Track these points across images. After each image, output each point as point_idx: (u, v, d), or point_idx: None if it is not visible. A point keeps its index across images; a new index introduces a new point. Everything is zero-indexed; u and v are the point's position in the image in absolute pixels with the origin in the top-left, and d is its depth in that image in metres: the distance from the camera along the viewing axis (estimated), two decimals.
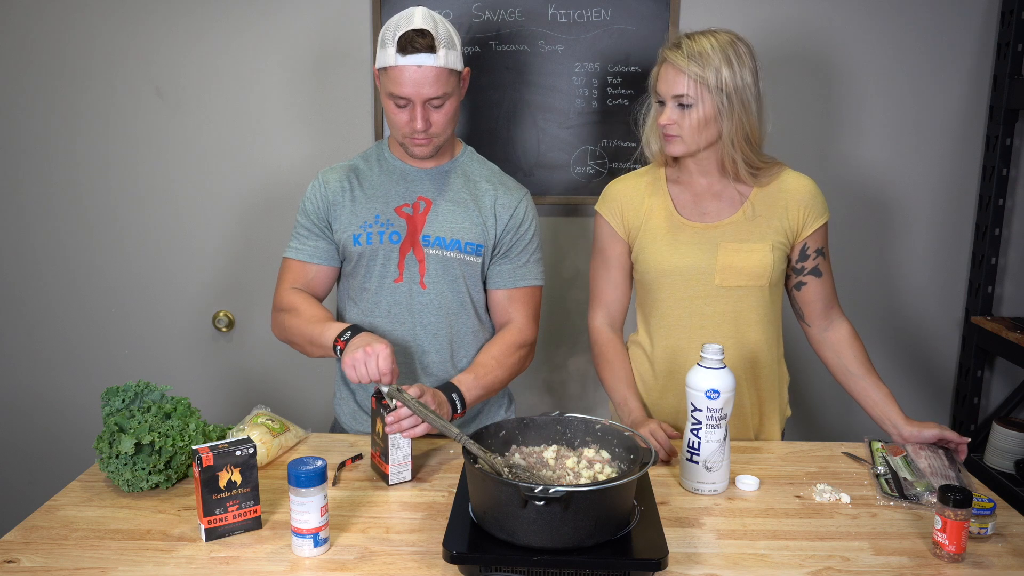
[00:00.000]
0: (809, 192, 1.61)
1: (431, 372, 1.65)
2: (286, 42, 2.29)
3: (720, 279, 1.58)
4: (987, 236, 2.29)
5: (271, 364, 2.47)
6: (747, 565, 1.16)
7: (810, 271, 1.64)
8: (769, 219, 1.59)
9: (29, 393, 2.52)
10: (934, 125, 2.30)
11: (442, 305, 1.62)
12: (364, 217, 1.61)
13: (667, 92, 1.52)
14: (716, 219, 1.60)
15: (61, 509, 1.31)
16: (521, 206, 1.65)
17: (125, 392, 1.43)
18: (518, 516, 1.09)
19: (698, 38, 1.51)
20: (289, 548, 1.19)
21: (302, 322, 1.57)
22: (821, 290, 1.64)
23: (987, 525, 1.24)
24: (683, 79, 1.49)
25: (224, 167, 2.37)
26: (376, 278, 1.62)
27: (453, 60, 1.50)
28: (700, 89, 1.49)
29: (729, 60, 1.49)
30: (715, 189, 1.61)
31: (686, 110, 1.51)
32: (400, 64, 1.47)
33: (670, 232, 1.60)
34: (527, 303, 1.67)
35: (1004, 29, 2.21)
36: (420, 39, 1.45)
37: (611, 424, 1.31)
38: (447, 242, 1.60)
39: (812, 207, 1.60)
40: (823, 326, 1.66)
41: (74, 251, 2.43)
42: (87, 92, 2.32)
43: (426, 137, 1.54)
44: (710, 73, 1.48)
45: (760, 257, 1.57)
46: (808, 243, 1.62)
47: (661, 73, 1.54)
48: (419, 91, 1.48)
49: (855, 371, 1.62)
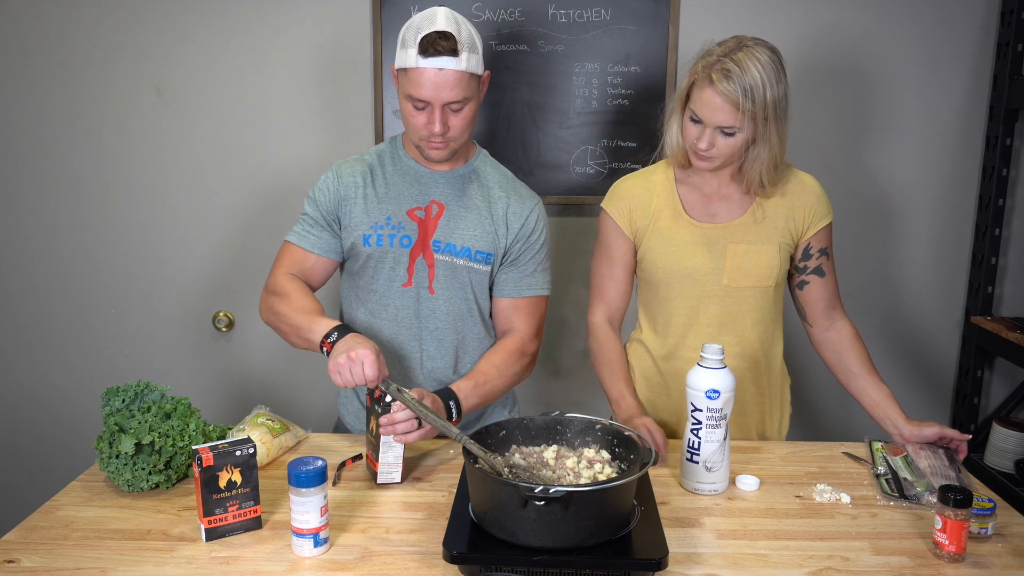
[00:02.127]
0: (814, 193, 1.61)
1: (435, 377, 1.64)
2: (286, 42, 2.29)
3: (728, 280, 1.59)
4: (987, 236, 2.29)
5: (271, 364, 2.47)
6: (747, 565, 1.16)
7: (812, 270, 1.63)
8: (775, 220, 1.59)
9: (29, 393, 2.52)
10: (934, 125, 2.30)
11: (450, 311, 1.61)
12: (376, 218, 1.59)
13: (712, 120, 1.46)
14: (725, 220, 1.60)
15: (61, 509, 1.31)
16: (533, 215, 1.63)
17: (125, 392, 1.43)
18: (518, 516, 1.09)
19: (745, 64, 1.42)
20: (289, 548, 1.19)
21: (291, 310, 1.53)
22: (823, 290, 1.64)
23: (987, 525, 1.24)
24: (733, 113, 1.44)
25: (224, 167, 2.36)
26: (384, 281, 1.61)
27: (475, 64, 1.47)
28: (746, 120, 1.45)
29: (773, 85, 1.44)
30: (724, 191, 1.61)
31: (727, 137, 1.48)
32: (421, 66, 1.43)
33: (679, 233, 1.60)
34: (531, 312, 1.66)
35: (1004, 29, 2.21)
36: (443, 42, 1.42)
37: (611, 424, 1.31)
38: (457, 249, 1.58)
39: (816, 208, 1.60)
40: (825, 326, 1.66)
41: (74, 251, 2.43)
42: (86, 91, 2.32)
43: (443, 141, 1.51)
44: (759, 105, 1.44)
45: (768, 258, 1.58)
46: (811, 243, 1.62)
47: (705, 97, 1.45)
48: (439, 94, 1.45)
49: (856, 371, 1.62)
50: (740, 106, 1.42)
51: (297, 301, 1.54)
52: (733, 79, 1.42)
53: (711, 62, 1.45)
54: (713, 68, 1.44)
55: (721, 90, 1.42)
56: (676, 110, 1.55)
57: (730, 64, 1.42)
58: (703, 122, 1.48)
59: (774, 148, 1.50)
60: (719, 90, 1.43)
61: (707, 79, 1.44)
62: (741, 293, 1.59)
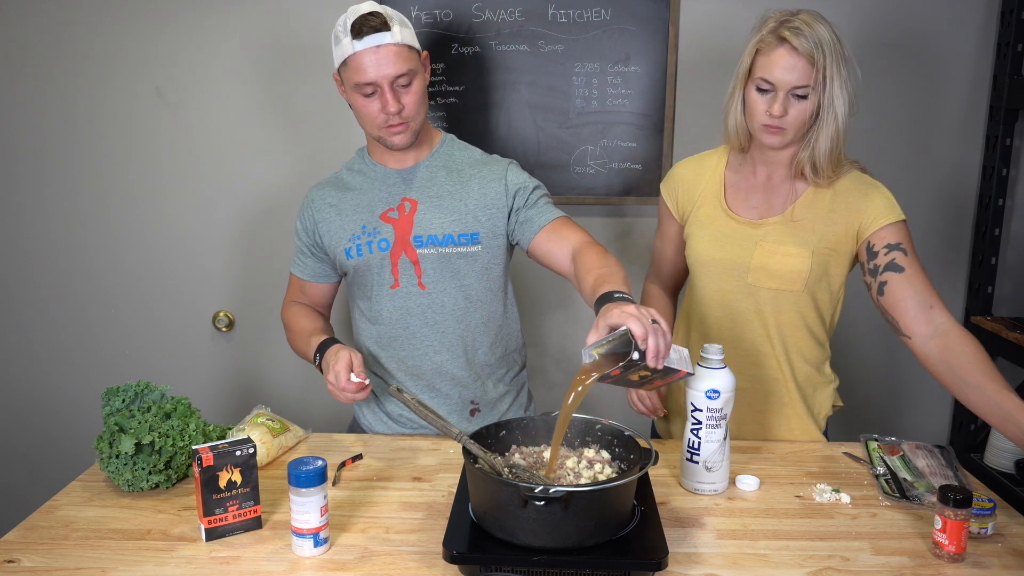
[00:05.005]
0: (864, 194, 1.50)
1: (445, 371, 1.64)
2: (287, 43, 2.29)
3: (752, 278, 1.56)
4: (987, 236, 2.29)
5: (271, 364, 2.47)
6: (747, 565, 1.16)
7: (885, 267, 1.45)
8: (813, 223, 1.52)
9: (29, 393, 2.52)
10: (934, 125, 2.30)
11: (445, 303, 1.61)
12: (351, 230, 1.61)
13: (785, 81, 1.42)
14: (761, 216, 1.56)
15: (61, 509, 1.31)
16: (509, 172, 1.62)
17: (125, 392, 1.43)
18: (518, 516, 1.09)
19: (811, 23, 1.41)
20: (289, 548, 1.19)
21: (294, 338, 1.69)
22: (908, 287, 1.43)
23: (987, 525, 1.24)
24: (807, 69, 1.40)
25: (225, 166, 2.36)
26: (374, 287, 1.63)
27: (409, 37, 1.50)
28: (819, 78, 1.42)
29: (838, 43, 1.42)
30: (772, 183, 1.57)
31: (799, 101, 1.44)
32: (358, 49, 1.46)
33: (715, 223, 1.59)
34: (570, 227, 1.57)
35: (1004, 29, 2.20)
36: (372, 19, 1.45)
37: (611, 424, 1.31)
38: (440, 238, 1.58)
39: (866, 209, 1.49)
40: (926, 334, 1.41)
41: (74, 250, 2.43)
42: (85, 91, 2.32)
43: (401, 123, 1.52)
44: (830, 61, 1.41)
45: (797, 262, 1.52)
46: (872, 240, 1.48)
47: (776, 58, 1.42)
48: (382, 71, 1.47)
49: (971, 381, 1.33)
50: (815, 60, 1.40)
51: (295, 328, 1.69)
52: (804, 34, 1.40)
53: (775, 26, 1.43)
54: (781, 28, 1.42)
55: (796, 45, 1.40)
56: (737, 88, 1.51)
57: (798, 22, 1.42)
58: (775, 87, 1.43)
59: (838, 119, 1.46)
60: (794, 46, 1.40)
61: (776, 39, 1.42)
62: (768, 294, 1.55)
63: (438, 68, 2.26)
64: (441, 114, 2.29)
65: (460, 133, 2.23)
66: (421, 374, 1.64)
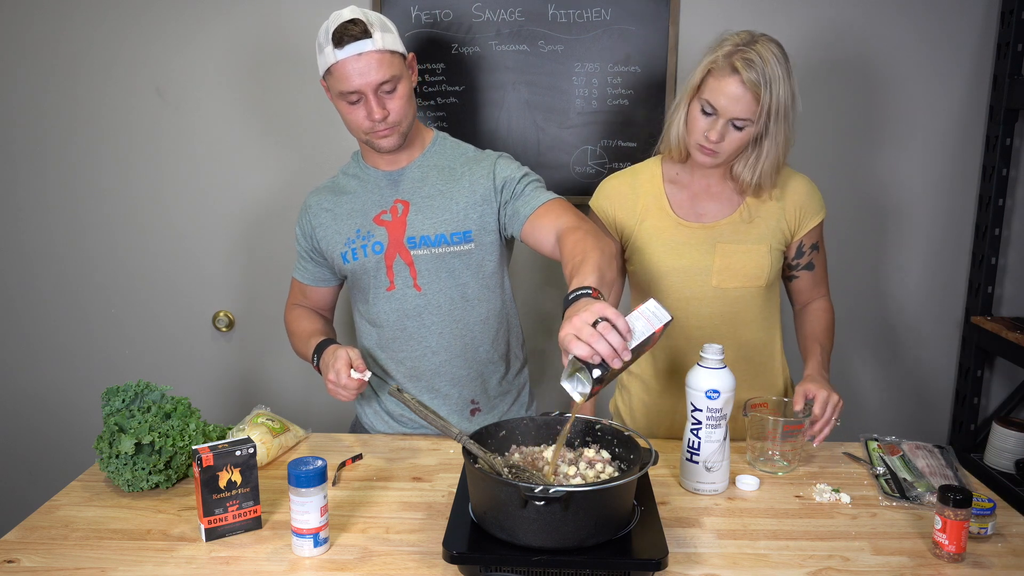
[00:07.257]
0: (805, 191, 1.60)
1: (444, 371, 1.64)
2: (287, 43, 2.29)
3: (717, 280, 1.58)
4: (987, 236, 2.29)
5: (271, 364, 2.47)
6: (747, 565, 1.16)
7: (804, 266, 1.65)
8: (767, 219, 1.58)
9: (29, 393, 2.52)
10: (934, 125, 2.30)
11: (441, 304, 1.61)
12: (346, 234, 1.62)
13: (728, 111, 1.43)
14: (713, 219, 1.59)
15: (61, 509, 1.31)
16: (497, 166, 1.60)
17: (125, 392, 1.43)
18: (518, 516, 1.09)
19: (765, 56, 1.40)
20: (289, 548, 1.19)
21: (295, 340, 1.71)
22: (811, 281, 1.68)
23: (987, 525, 1.24)
24: (752, 104, 1.41)
25: (225, 166, 2.36)
26: (372, 290, 1.63)
27: (392, 42, 1.49)
28: (761, 114, 1.43)
29: (786, 80, 1.41)
30: (713, 190, 1.60)
31: (737, 131, 1.45)
32: (340, 58, 1.46)
33: (667, 233, 1.59)
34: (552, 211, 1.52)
35: (1004, 29, 2.20)
36: (353, 27, 1.45)
37: (611, 424, 1.31)
38: (433, 238, 1.58)
39: (807, 206, 1.60)
40: (804, 304, 1.72)
41: (74, 250, 2.43)
42: (85, 91, 2.32)
43: (387, 128, 1.52)
44: (775, 99, 1.41)
45: (758, 259, 1.57)
46: (804, 241, 1.62)
47: (725, 86, 1.41)
48: (366, 79, 1.46)
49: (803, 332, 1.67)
50: (760, 97, 1.40)
51: (296, 331, 1.71)
52: (756, 68, 1.39)
53: (731, 51, 1.41)
54: (735, 57, 1.40)
55: (745, 79, 1.39)
56: (683, 102, 1.51)
57: (752, 54, 1.40)
58: (717, 113, 1.44)
59: (779, 148, 1.49)
60: (743, 79, 1.39)
61: (729, 68, 1.41)
62: (732, 294, 1.59)
63: (438, 68, 2.26)
64: (441, 114, 2.29)
65: (460, 133, 2.24)
66: (421, 375, 1.64)
